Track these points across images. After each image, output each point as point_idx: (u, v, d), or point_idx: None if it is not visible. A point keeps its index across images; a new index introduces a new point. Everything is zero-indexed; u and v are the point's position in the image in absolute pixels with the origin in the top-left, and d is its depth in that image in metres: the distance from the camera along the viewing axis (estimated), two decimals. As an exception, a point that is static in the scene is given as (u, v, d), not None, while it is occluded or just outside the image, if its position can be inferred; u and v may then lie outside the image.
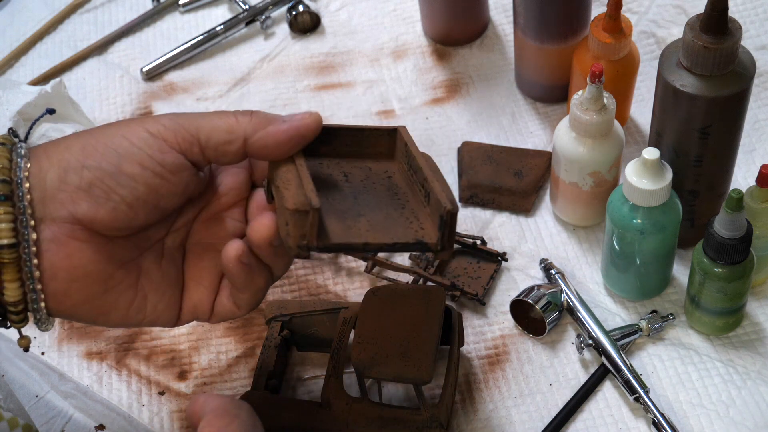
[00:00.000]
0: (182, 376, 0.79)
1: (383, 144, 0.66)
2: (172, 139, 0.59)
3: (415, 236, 0.59)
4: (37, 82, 1.02)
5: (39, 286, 0.57)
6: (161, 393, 0.79)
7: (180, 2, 1.09)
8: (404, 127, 0.66)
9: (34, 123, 0.64)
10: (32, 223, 0.56)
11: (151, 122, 0.59)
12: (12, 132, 0.59)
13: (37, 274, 0.56)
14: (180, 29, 1.07)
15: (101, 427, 0.78)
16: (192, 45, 1.03)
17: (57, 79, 0.92)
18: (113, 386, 0.79)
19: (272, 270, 0.64)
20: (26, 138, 0.60)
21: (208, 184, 0.64)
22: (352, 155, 0.65)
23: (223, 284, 0.65)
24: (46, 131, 0.88)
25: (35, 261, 0.56)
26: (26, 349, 0.61)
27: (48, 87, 0.90)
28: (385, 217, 0.60)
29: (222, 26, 1.04)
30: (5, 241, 0.55)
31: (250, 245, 0.61)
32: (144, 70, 1.02)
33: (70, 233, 0.57)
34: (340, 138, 0.65)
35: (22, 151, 0.57)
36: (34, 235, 0.56)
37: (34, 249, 0.56)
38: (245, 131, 0.60)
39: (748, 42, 0.94)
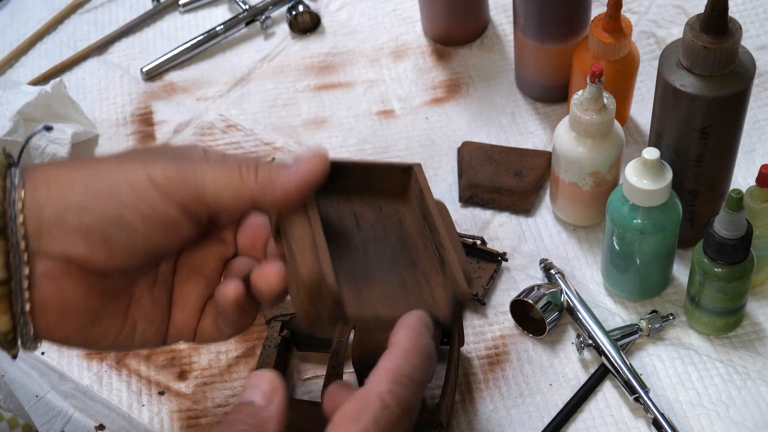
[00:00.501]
0: (182, 376, 0.79)
1: (396, 180, 0.64)
2: (176, 195, 0.57)
3: (426, 307, 0.57)
4: (37, 82, 1.02)
5: (29, 318, 0.56)
6: (161, 393, 0.79)
7: (180, 2, 1.09)
8: (419, 165, 0.63)
9: (28, 140, 0.62)
10: (25, 258, 0.54)
11: (152, 166, 0.57)
12: (4, 152, 0.57)
13: (27, 307, 0.55)
14: (180, 29, 1.07)
15: (101, 427, 0.78)
16: (192, 45, 1.03)
17: (57, 79, 0.92)
18: (113, 386, 0.79)
19: (262, 305, 0.63)
20: (19, 160, 0.58)
21: None
22: (363, 191, 0.63)
23: (207, 309, 0.63)
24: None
25: (27, 295, 0.55)
26: (14, 357, 0.60)
27: (48, 87, 0.90)
28: (398, 283, 0.59)
29: (222, 26, 1.04)
30: None
31: (251, 288, 0.60)
32: (144, 70, 1.02)
33: (65, 270, 0.55)
34: (351, 174, 0.63)
35: (16, 180, 0.55)
36: (26, 270, 0.55)
37: (26, 283, 0.55)
38: (252, 192, 0.58)
39: (748, 42, 0.94)
